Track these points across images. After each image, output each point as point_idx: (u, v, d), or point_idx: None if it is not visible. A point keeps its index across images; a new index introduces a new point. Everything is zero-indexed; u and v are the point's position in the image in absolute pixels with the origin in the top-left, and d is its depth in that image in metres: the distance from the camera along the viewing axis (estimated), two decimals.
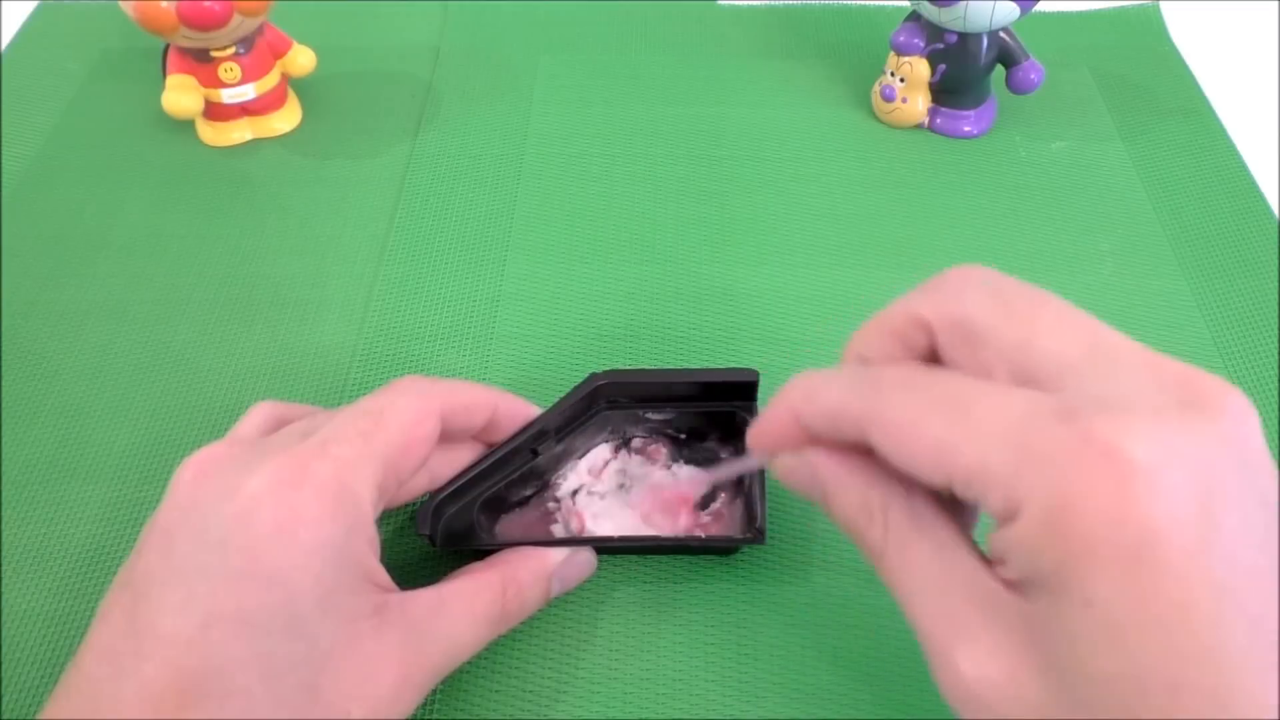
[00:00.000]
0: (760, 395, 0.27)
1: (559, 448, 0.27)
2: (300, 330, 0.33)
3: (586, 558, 0.25)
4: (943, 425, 0.15)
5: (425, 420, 0.23)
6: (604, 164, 0.39)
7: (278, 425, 0.24)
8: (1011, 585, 0.16)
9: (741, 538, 0.25)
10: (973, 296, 0.17)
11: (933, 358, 0.18)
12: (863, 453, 0.18)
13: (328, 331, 0.33)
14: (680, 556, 0.27)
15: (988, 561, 0.16)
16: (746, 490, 0.26)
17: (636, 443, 0.28)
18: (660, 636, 0.25)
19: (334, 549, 0.20)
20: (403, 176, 0.38)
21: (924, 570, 0.17)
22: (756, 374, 0.26)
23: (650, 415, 0.28)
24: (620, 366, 0.31)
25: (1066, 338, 0.16)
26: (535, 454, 0.26)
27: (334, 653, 0.20)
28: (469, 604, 0.22)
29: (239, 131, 0.39)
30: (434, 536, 0.25)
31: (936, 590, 0.16)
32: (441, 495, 0.25)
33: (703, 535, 0.26)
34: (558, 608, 0.26)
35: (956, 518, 0.17)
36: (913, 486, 0.17)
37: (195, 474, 0.21)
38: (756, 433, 0.20)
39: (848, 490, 0.18)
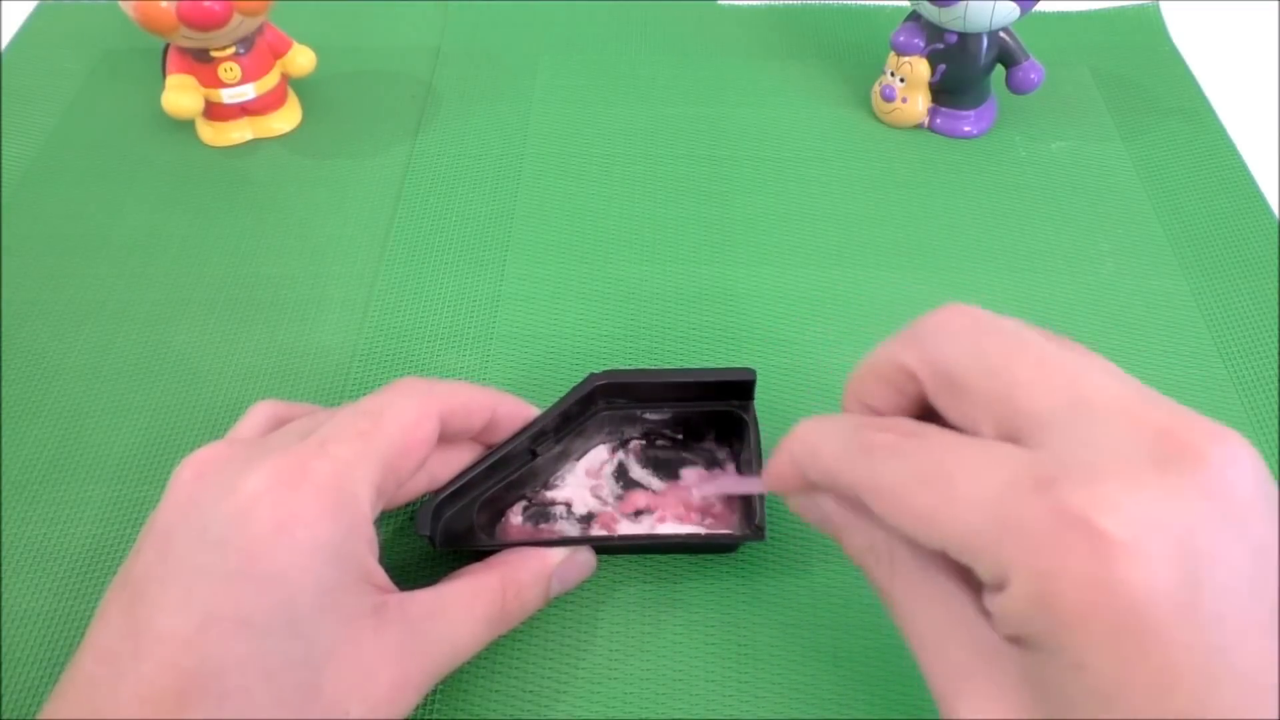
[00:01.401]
0: (757, 395, 0.27)
1: (558, 448, 0.27)
2: (300, 330, 0.33)
3: (586, 558, 0.25)
4: (928, 496, 0.16)
5: (424, 422, 0.23)
6: (604, 164, 0.39)
7: (278, 424, 0.24)
8: (1010, 638, 0.16)
9: (742, 535, 0.25)
10: (951, 347, 0.17)
11: (926, 404, 0.18)
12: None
13: (328, 331, 0.33)
14: (681, 555, 0.27)
15: (988, 611, 0.17)
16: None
17: (634, 444, 0.28)
18: (660, 636, 0.25)
19: (332, 549, 0.20)
20: (403, 176, 0.38)
21: (928, 616, 0.17)
22: (753, 373, 0.26)
23: (648, 415, 0.28)
24: (620, 366, 0.31)
25: (1045, 390, 0.16)
26: (534, 454, 0.26)
27: (333, 652, 0.20)
28: (469, 605, 0.22)
29: (239, 131, 0.39)
30: (434, 537, 0.24)
31: (940, 636, 0.17)
32: (441, 496, 0.25)
33: (704, 533, 0.26)
34: (558, 607, 0.26)
35: (960, 569, 0.17)
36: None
37: (194, 474, 0.21)
38: (769, 477, 0.21)
39: (856, 533, 0.19)
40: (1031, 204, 0.37)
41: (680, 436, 0.28)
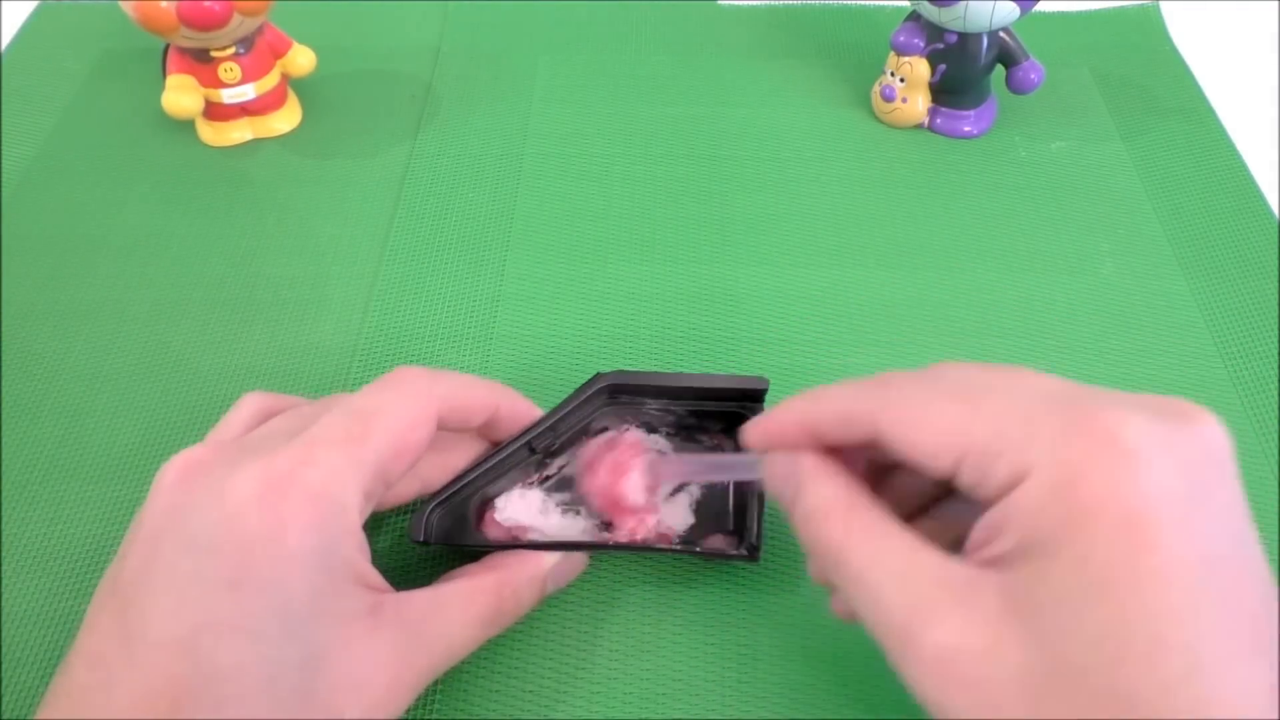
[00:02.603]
0: (767, 402, 0.27)
1: (557, 447, 0.27)
2: (300, 330, 0.33)
3: (578, 558, 0.25)
4: (955, 410, 0.17)
5: (419, 426, 0.22)
6: (604, 164, 0.39)
7: (266, 418, 0.24)
8: (990, 562, 0.17)
9: (736, 553, 0.25)
10: (907, 409, 0.18)
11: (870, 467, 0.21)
12: (839, 458, 0.20)
13: (327, 332, 0.32)
14: (682, 557, 0.27)
15: (958, 554, 0.18)
16: (739, 500, 0.26)
17: (630, 435, 0.27)
18: (661, 638, 0.25)
19: (324, 556, 0.20)
20: (403, 176, 0.38)
21: (887, 561, 0.18)
22: (766, 382, 0.26)
23: (654, 411, 0.27)
24: (621, 367, 0.31)
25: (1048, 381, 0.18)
26: (532, 451, 0.26)
27: (327, 655, 0.19)
28: (465, 605, 0.22)
29: (239, 131, 0.39)
30: (428, 541, 0.24)
31: (900, 579, 0.17)
32: (434, 504, 0.24)
33: (698, 549, 0.25)
34: (559, 608, 0.26)
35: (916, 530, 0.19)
36: (881, 493, 0.19)
37: (177, 478, 0.21)
38: (759, 430, 0.21)
39: (820, 486, 0.19)
40: (1031, 204, 0.37)
41: (677, 434, 0.28)
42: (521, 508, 0.26)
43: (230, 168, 0.39)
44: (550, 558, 0.24)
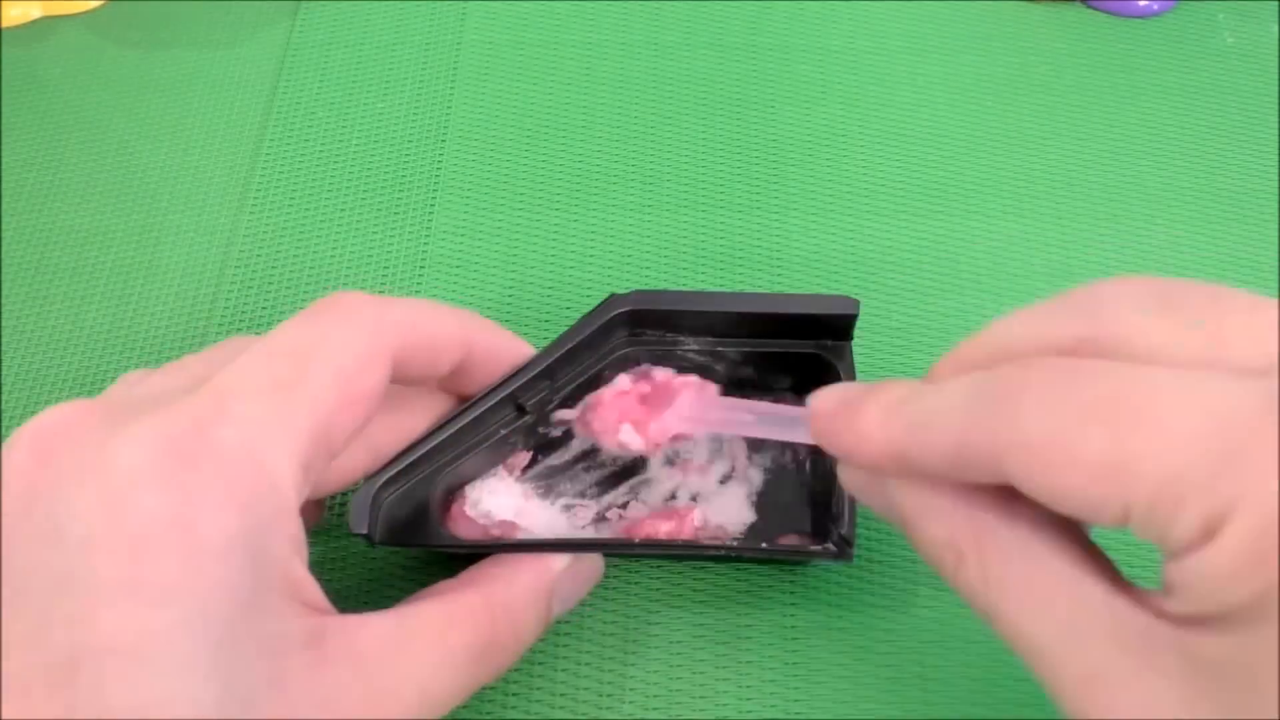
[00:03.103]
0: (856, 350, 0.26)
1: (555, 401, 0.26)
2: (121, 308, 0.31)
3: (592, 564, 0.25)
4: (1114, 436, 0.16)
5: (371, 367, 0.22)
6: (583, 56, 0.36)
7: None
8: (1181, 620, 0.16)
9: (820, 549, 0.24)
10: (1132, 315, 0.18)
11: None
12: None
13: (161, 310, 0.31)
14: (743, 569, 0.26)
15: (1130, 591, 0.17)
16: (819, 486, 0.26)
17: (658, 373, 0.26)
18: (706, 683, 0.25)
19: (248, 551, 0.19)
20: (275, 76, 0.36)
21: (1048, 612, 0.18)
22: (856, 304, 0.25)
23: (691, 352, 0.27)
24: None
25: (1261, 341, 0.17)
26: (521, 410, 0.26)
27: (253, 700, 0.19)
28: (440, 634, 0.22)
29: (19, 6, 0.36)
30: (372, 534, 0.23)
31: (1067, 633, 0.17)
32: (384, 478, 0.24)
33: (762, 545, 0.25)
34: (571, 638, 0.25)
35: (1075, 549, 0.18)
36: (1016, 513, 0.19)
37: (33, 450, 0.20)
38: (845, 438, 0.20)
39: (935, 521, 0.19)
40: (1239, 118, 0.34)
41: (729, 385, 0.26)
42: (507, 498, 0.25)
43: (10, 62, 0.36)
44: (556, 561, 0.24)
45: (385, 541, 0.24)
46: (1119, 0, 0.38)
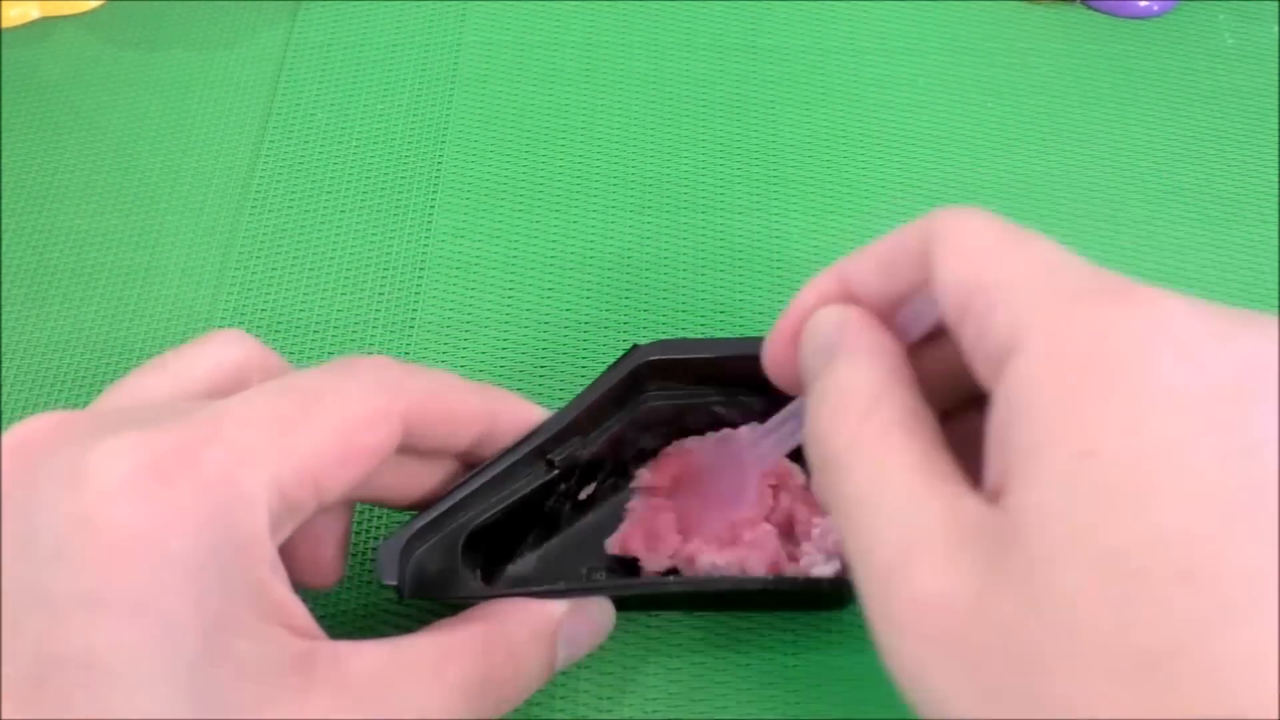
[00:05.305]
0: None
1: (584, 455, 0.26)
2: (118, 315, 0.31)
3: (601, 611, 0.25)
4: (992, 240, 0.19)
5: (378, 424, 0.21)
6: (583, 57, 0.36)
7: (240, 382, 0.23)
8: (992, 493, 0.17)
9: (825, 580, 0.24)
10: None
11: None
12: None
13: (158, 316, 0.31)
14: (747, 614, 0.26)
15: (965, 477, 0.18)
16: None
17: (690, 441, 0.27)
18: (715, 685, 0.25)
19: (220, 569, 0.19)
20: (275, 78, 0.36)
21: (893, 485, 0.18)
22: None
23: (719, 408, 0.27)
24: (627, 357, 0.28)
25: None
26: (551, 465, 0.26)
27: None
28: (436, 666, 0.21)
29: (19, 7, 0.37)
30: (402, 587, 0.24)
31: (902, 511, 0.18)
32: (413, 530, 0.24)
33: (798, 577, 0.25)
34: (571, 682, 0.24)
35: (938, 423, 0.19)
36: (913, 377, 0.20)
37: (12, 459, 0.20)
38: (806, 296, 0.22)
39: (858, 359, 0.20)
40: (1239, 119, 0.34)
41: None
42: None
43: (8, 63, 0.37)
44: (558, 607, 0.24)
45: (415, 594, 0.24)
46: (1119, 1, 0.37)
